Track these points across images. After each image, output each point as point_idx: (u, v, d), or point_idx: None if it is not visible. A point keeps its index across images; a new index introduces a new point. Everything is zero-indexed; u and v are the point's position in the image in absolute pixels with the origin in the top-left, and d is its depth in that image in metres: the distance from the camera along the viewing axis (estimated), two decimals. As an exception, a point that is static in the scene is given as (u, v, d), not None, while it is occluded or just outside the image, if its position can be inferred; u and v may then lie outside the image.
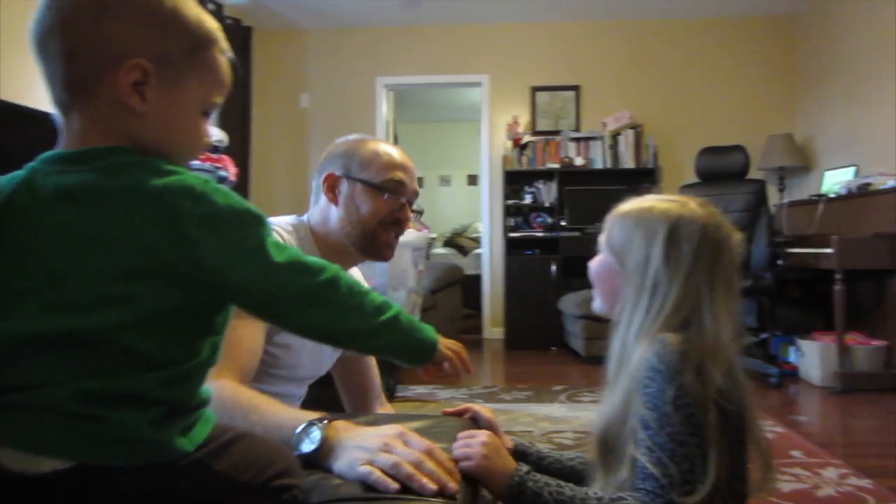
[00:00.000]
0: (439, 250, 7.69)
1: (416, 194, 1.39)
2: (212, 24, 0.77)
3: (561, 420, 3.07)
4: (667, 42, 5.41)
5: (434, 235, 7.19)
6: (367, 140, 1.40)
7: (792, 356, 3.98)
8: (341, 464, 0.89)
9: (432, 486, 0.84)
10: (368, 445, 0.89)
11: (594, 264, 1.08)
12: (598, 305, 1.09)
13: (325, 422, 0.93)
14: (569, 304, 4.74)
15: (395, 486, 0.83)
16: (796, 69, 5.29)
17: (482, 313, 5.77)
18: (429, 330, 0.88)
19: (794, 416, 3.10)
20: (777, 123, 5.19)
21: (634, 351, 0.96)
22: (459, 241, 8.03)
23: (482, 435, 1.01)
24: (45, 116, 0.77)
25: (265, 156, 5.51)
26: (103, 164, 0.70)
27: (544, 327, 5.10)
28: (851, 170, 4.31)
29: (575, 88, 5.53)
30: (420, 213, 1.45)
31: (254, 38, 5.29)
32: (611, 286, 1.05)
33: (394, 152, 1.38)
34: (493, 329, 5.66)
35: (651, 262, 0.99)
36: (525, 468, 0.98)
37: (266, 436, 0.88)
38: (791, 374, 3.84)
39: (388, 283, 2.72)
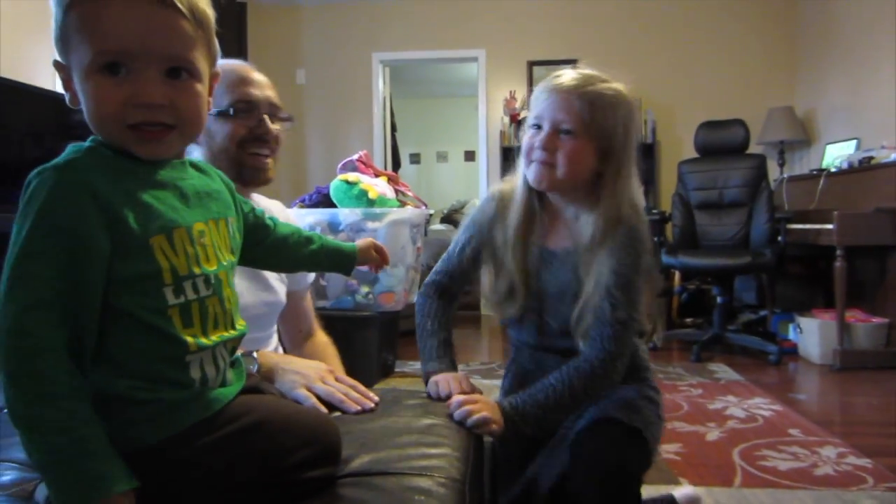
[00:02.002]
0: (437, 227, 7.65)
1: (271, 105, 1.33)
2: None
3: (559, 397, 3.07)
4: (665, 15, 5.32)
5: (432, 212, 7.14)
6: None
7: (791, 333, 3.98)
8: (282, 383, 1.07)
9: (357, 407, 1.07)
10: (306, 373, 1.10)
11: (568, 151, 1.18)
12: (560, 177, 1.19)
13: (256, 352, 1.12)
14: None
15: (326, 410, 1.02)
16: (797, 41, 5.21)
17: (480, 289, 5.75)
18: (106, 477, 0.65)
19: (792, 394, 3.10)
20: (777, 96, 5.13)
21: (609, 227, 1.17)
22: (457, 218, 7.98)
23: (481, 400, 1.12)
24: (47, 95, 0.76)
25: (261, 133, 5.44)
26: None
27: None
28: (853, 143, 4.27)
29: (572, 62, 5.43)
30: (289, 119, 1.39)
31: (249, 13, 5.21)
32: (582, 168, 1.19)
33: (235, 69, 1.30)
34: (491, 306, 5.65)
35: (628, 142, 1.20)
36: (507, 405, 1.14)
37: None
38: (790, 352, 3.84)
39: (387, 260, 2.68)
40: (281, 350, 1.46)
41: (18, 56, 2.71)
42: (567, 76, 1.22)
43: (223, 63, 1.27)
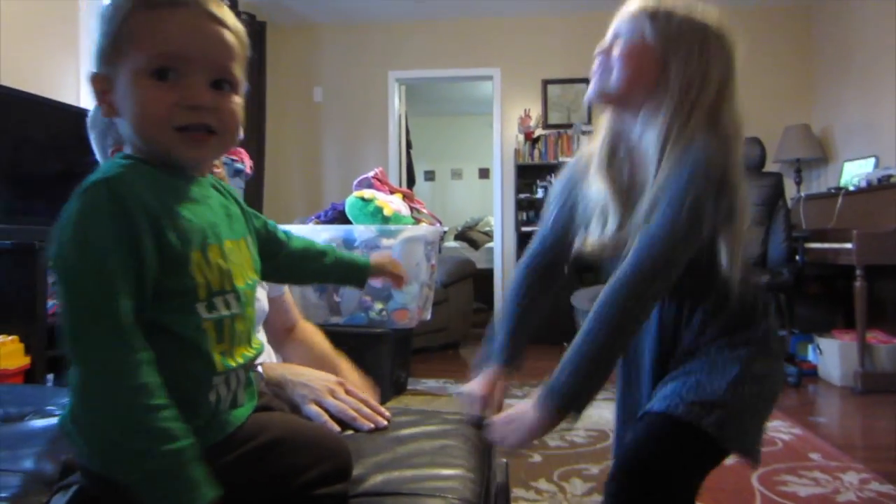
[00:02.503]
0: (451, 244, 7.65)
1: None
2: None
3: (574, 417, 3.03)
4: (682, 34, 5.32)
5: (446, 229, 7.15)
6: None
7: (811, 355, 3.91)
8: (291, 398, 1.07)
9: (370, 425, 1.08)
10: (314, 386, 1.09)
11: (622, 51, 1.13)
12: (614, 82, 1.14)
13: (260, 366, 1.10)
14: (581, 299, 4.69)
15: (338, 428, 1.04)
16: (813, 59, 5.19)
17: (494, 308, 5.74)
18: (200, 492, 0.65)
19: (812, 417, 3.04)
20: (794, 114, 5.10)
21: (678, 142, 1.02)
22: (471, 235, 7.99)
23: (515, 421, 1.03)
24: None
25: (279, 149, 5.50)
26: None
27: (556, 322, 5.03)
28: (871, 160, 4.22)
29: (587, 81, 5.42)
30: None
31: (268, 33, 5.28)
32: (643, 71, 1.09)
33: None
34: (505, 324, 5.62)
35: (694, 64, 1.06)
36: (545, 395, 1.03)
37: None
38: (810, 374, 3.78)
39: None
40: (273, 354, 1.46)
41: (42, 72, 2.76)
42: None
43: None
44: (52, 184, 2.58)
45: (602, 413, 3.10)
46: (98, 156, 1.09)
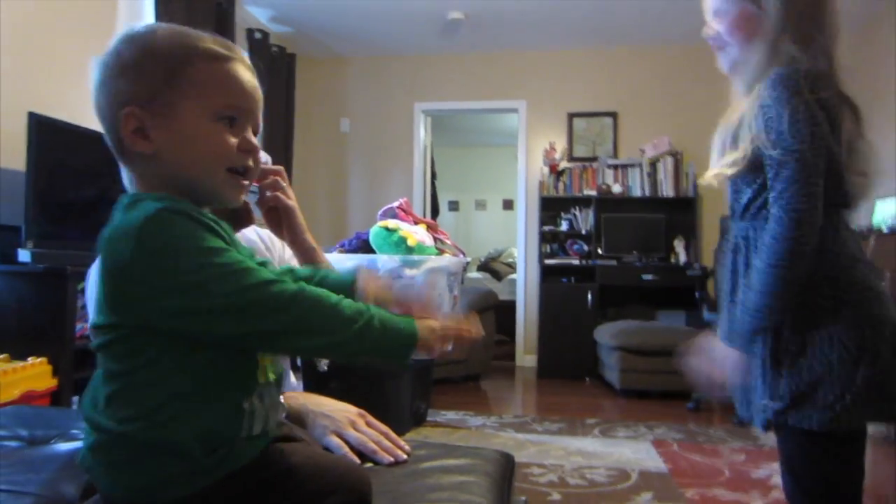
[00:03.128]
0: (474, 275, 7.65)
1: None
2: (190, 39, 0.78)
3: (594, 455, 2.98)
4: (706, 69, 5.29)
5: (469, 260, 7.11)
6: None
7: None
8: (312, 428, 1.07)
9: (390, 458, 1.08)
10: (335, 417, 1.10)
11: (727, 23, 1.22)
12: (734, 55, 1.23)
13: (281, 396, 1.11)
14: (604, 334, 4.64)
15: (358, 460, 1.04)
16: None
17: (515, 340, 5.70)
18: (407, 324, 0.79)
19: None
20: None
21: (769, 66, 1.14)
22: (494, 266, 7.98)
23: None
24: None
25: (306, 178, 5.58)
26: (115, 207, 0.76)
27: (578, 357, 5.01)
28: (903, 201, 4.15)
29: (612, 115, 5.48)
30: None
31: (297, 64, 5.40)
32: (750, 30, 1.20)
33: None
34: (525, 356, 5.58)
35: None
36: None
37: None
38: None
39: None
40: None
41: (76, 100, 2.85)
42: None
43: None
44: (84, 210, 2.65)
45: (623, 452, 3.04)
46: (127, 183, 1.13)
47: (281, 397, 1.12)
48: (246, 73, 0.81)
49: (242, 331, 0.69)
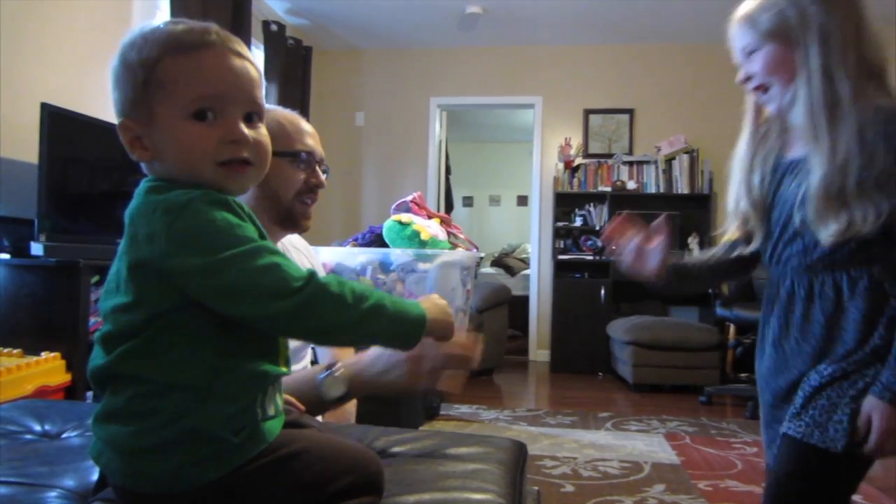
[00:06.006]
0: (487, 270, 7.65)
1: (323, 159, 1.36)
2: (159, 36, 0.76)
3: (607, 448, 2.99)
4: (724, 66, 5.23)
5: (482, 255, 7.14)
6: (268, 111, 1.35)
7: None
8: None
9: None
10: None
11: (760, 63, 1.18)
12: (777, 97, 1.18)
13: (339, 366, 1.10)
14: (617, 329, 4.64)
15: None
16: None
17: (528, 335, 5.71)
18: (415, 308, 0.80)
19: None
20: (842, 151, 4.99)
21: (846, 97, 1.09)
22: (508, 262, 7.98)
23: None
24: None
25: (319, 172, 5.59)
26: (137, 190, 0.77)
27: (591, 352, 5.01)
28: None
29: (629, 112, 5.45)
30: (327, 171, 1.39)
31: (313, 57, 5.41)
32: (788, 67, 1.15)
33: (298, 120, 1.34)
34: (538, 351, 5.59)
35: (810, 19, 1.12)
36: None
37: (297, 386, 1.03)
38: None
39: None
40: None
41: (91, 92, 2.87)
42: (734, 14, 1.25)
43: (285, 112, 1.31)
44: (97, 203, 2.65)
45: (635, 444, 3.05)
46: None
47: (335, 369, 1.13)
48: (221, 58, 0.76)
49: (257, 312, 0.70)
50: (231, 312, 0.71)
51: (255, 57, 0.86)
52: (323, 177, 1.35)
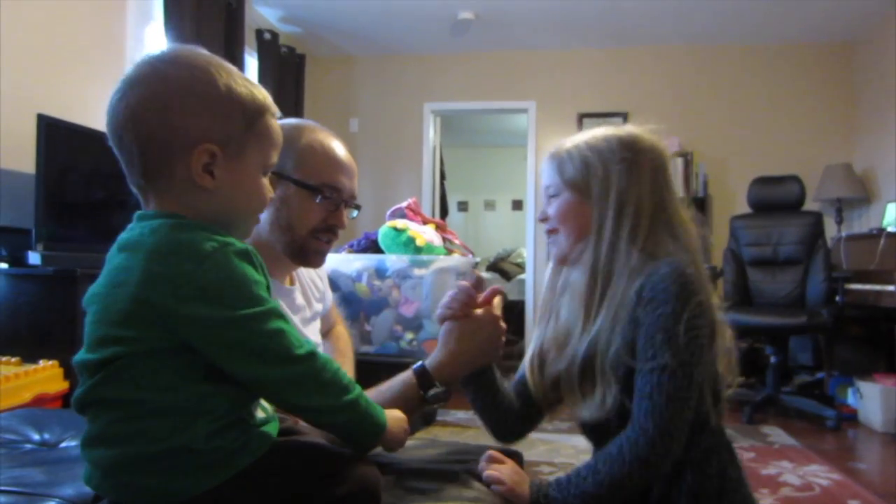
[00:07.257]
0: (483, 274, 7.63)
1: (354, 196, 1.24)
2: (261, 93, 0.82)
3: (604, 454, 2.98)
4: (718, 68, 5.31)
5: (478, 260, 7.13)
6: (306, 129, 1.22)
7: (850, 398, 3.79)
8: None
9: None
10: None
11: (555, 208, 1.12)
12: (563, 246, 1.12)
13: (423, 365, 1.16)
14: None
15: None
16: (855, 97, 5.12)
17: (524, 339, 5.70)
18: (380, 415, 0.84)
19: (852, 462, 2.94)
20: (835, 153, 5.02)
21: (620, 275, 1.03)
22: (503, 266, 7.97)
23: (509, 464, 1.06)
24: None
25: (313, 178, 5.59)
26: (152, 223, 0.75)
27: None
28: (915, 202, 4.12)
29: (623, 115, 5.47)
30: (358, 207, 1.28)
31: (307, 65, 5.41)
32: (580, 222, 1.09)
33: (335, 149, 1.22)
34: (535, 357, 5.58)
35: (612, 181, 1.06)
36: (543, 482, 1.01)
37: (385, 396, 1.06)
38: (850, 418, 3.65)
39: (432, 306, 2.69)
40: None
41: (86, 101, 2.87)
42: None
43: (324, 137, 1.21)
44: (94, 212, 2.65)
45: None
46: None
47: None
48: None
49: (251, 373, 0.72)
50: (224, 366, 0.72)
51: (248, 65, 0.89)
52: (348, 216, 1.23)
